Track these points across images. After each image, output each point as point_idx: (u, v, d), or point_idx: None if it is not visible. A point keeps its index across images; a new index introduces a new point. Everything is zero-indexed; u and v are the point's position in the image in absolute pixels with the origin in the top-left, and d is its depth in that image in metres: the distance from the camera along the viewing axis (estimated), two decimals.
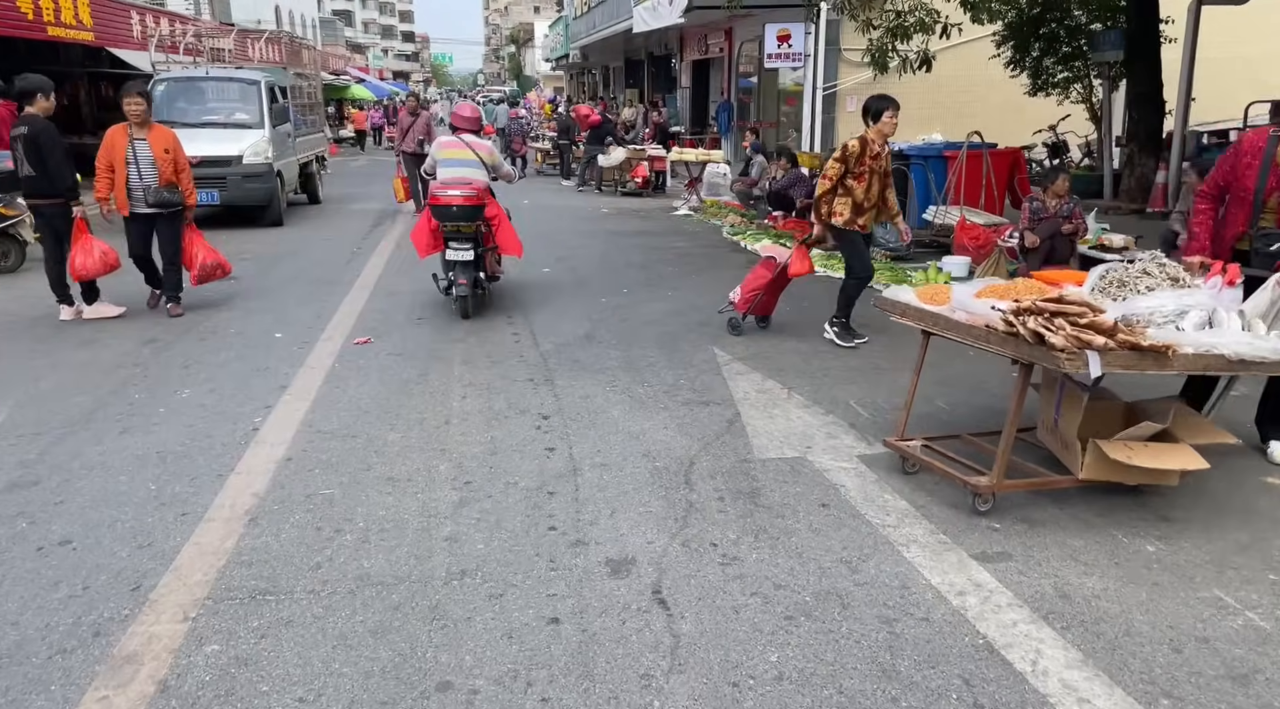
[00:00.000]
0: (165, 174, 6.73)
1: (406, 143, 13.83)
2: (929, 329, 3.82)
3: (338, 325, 6.73)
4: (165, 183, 6.74)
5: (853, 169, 6.04)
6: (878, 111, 5.94)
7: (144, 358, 5.88)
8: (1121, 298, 3.47)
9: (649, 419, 4.72)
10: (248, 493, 3.79)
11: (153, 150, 6.71)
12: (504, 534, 3.43)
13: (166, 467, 4.09)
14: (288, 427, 4.59)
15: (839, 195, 6.11)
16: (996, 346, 3.42)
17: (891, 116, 5.92)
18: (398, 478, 3.96)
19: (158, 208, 6.79)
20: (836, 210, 6.13)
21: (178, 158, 6.82)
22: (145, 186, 6.72)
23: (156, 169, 6.71)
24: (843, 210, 6.12)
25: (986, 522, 3.51)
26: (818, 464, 4.09)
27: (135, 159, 6.69)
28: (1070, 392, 3.56)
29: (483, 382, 5.38)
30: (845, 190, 6.09)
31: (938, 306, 3.70)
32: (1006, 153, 10.92)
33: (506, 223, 7.12)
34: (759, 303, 6.47)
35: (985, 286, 3.61)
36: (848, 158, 6.02)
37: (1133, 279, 3.53)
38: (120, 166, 6.68)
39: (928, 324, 3.80)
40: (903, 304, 3.96)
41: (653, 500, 3.73)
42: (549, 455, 4.22)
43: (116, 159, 6.67)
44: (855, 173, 6.04)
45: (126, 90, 6.70)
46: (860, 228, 6.18)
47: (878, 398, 5.06)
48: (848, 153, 6.02)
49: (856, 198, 6.08)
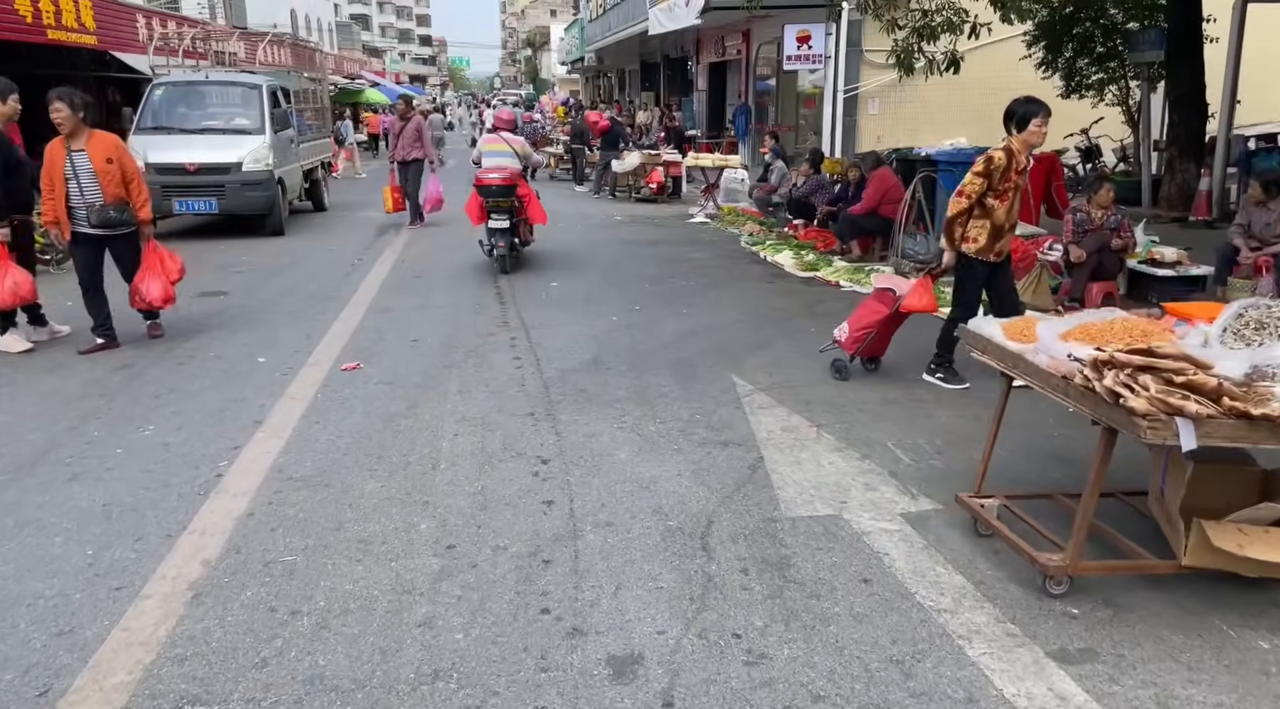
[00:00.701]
0: (110, 188, 5.89)
1: (398, 151, 12.63)
2: (1009, 372, 3.25)
3: (327, 348, 6.23)
4: (113, 198, 5.91)
5: (996, 186, 4.99)
6: (1024, 117, 4.90)
7: (113, 387, 5.40)
8: (1257, 342, 2.87)
9: (661, 464, 4.18)
10: (197, 560, 3.29)
11: (92, 161, 5.85)
12: (488, 619, 2.90)
13: (111, 524, 3.59)
14: (255, 472, 4.08)
15: (975, 217, 5.10)
16: (1075, 402, 2.85)
17: (1040, 124, 4.89)
18: (371, 540, 3.44)
19: (102, 229, 5.98)
20: (971, 235, 5.11)
21: (124, 167, 5.95)
22: (89, 204, 5.89)
23: (99, 183, 5.87)
24: (979, 235, 5.09)
25: (1062, 606, 2.95)
26: (856, 525, 3.54)
27: (74, 173, 5.84)
28: (1177, 457, 2.99)
29: (477, 415, 4.86)
30: (984, 211, 5.07)
31: (1023, 346, 3.13)
32: (1042, 159, 10.28)
33: (535, 200, 9.30)
34: (870, 342, 5.45)
35: (1077, 325, 3.02)
36: (992, 172, 4.96)
37: (1275, 321, 2.93)
38: (59, 183, 5.85)
39: (1008, 365, 3.22)
40: (984, 339, 3.37)
41: (664, 572, 3.19)
42: (546, 510, 3.69)
43: (55, 176, 5.85)
44: (999, 190, 5.00)
45: (49, 97, 5.76)
46: (994, 258, 5.14)
47: (918, 438, 4.50)
48: (993, 166, 4.96)
49: (997, 220, 5.05)
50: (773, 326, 6.84)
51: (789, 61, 16.39)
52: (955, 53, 10.35)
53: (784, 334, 6.62)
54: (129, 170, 6.00)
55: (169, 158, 10.93)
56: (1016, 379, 3.22)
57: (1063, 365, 2.91)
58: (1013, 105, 5.03)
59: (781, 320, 7.05)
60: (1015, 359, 3.15)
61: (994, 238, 5.10)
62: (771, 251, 10.03)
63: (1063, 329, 3.01)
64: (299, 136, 13.41)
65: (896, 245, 9.06)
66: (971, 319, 3.77)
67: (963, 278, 5.33)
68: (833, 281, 8.53)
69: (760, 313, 7.32)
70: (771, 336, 6.52)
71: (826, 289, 8.36)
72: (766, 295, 8.08)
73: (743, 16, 18.06)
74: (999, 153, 4.99)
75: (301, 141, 13.57)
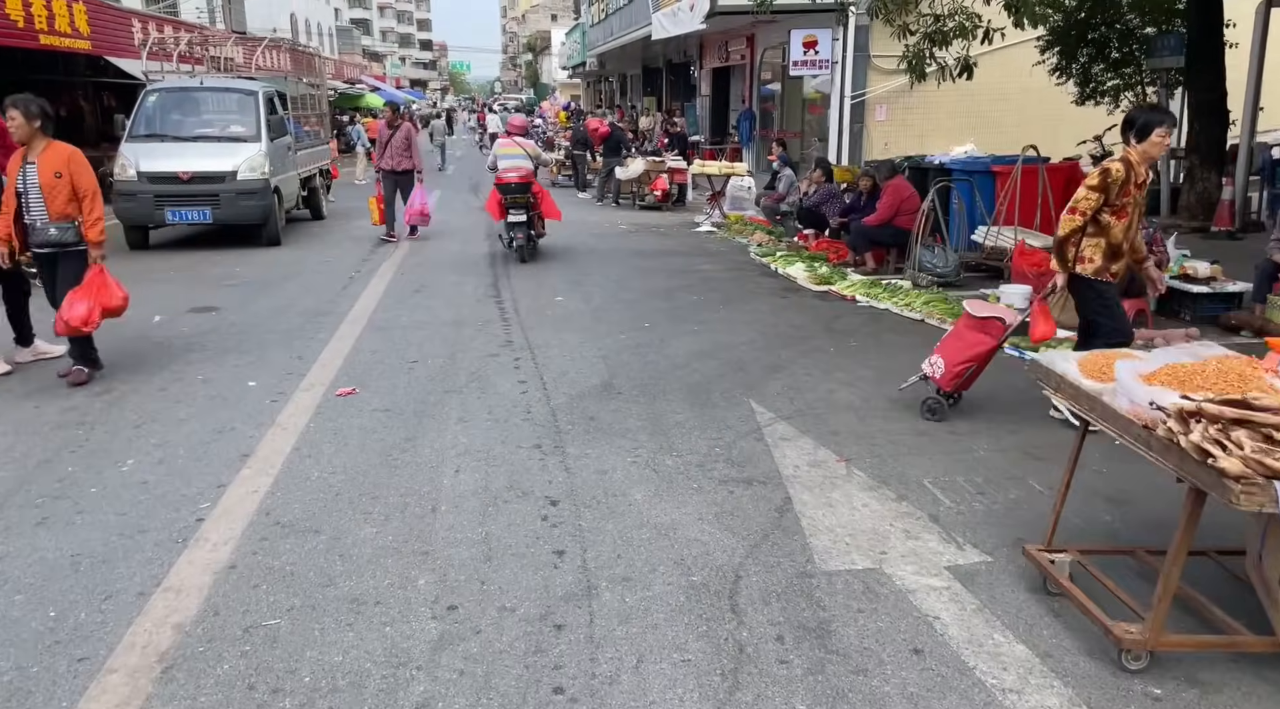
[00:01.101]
0: (55, 205, 5.39)
1: (385, 160, 11.82)
2: (1084, 414, 2.89)
3: (321, 370, 5.91)
4: (57, 216, 5.41)
5: (1114, 200, 4.56)
6: (1145, 126, 4.46)
7: (93, 414, 5.08)
8: None
9: (680, 506, 3.85)
10: (169, 624, 2.96)
11: (40, 175, 5.36)
12: (494, 699, 2.57)
13: (79, 578, 3.26)
14: (239, 515, 3.76)
15: (1088, 235, 4.65)
16: (1158, 457, 2.53)
17: (1164, 134, 4.45)
18: (364, 599, 3.11)
19: (43, 248, 5.53)
20: (1085, 255, 4.67)
21: (76, 182, 5.39)
22: (33, 221, 5.45)
23: (44, 198, 5.39)
24: (1093, 255, 4.66)
25: (1143, 684, 2.62)
26: (899, 580, 3.21)
27: (25, 187, 5.42)
28: (1278, 521, 2.66)
29: (481, 448, 4.54)
30: (1098, 229, 4.63)
31: (1100, 385, 2.79)
32: (1063, 168, 10.00)
33: (548, 197, 10.43)
34: (970, 377, 4.89)
35: (1163, 366, 2.67)
36: (1110, 186, 4.51)
37: None
38: (10, 198, 5.48)
39: (1084, 408, 2.86)
40: (1058, 375, 3.00)
41: (691, 640, 2.86)
42: (557, 563, 3.37)
43: (9, 189, 5.49)
44: (1116, 206, 4.57)
45: (5, 104, 5.40)
46: (1111, 277, 4.74)
47: (956, 475, 4.17)
48: (1111, 179, 4.49)
49: (1113, 238, 4.62)
50: (789, 346, 6.51)
51: (795, 67, 16.10)
52: (968, 58, 10.07)
53: (802, 354, 6.30)
54: (81, 186, 5.43)
55: (162, 166, 10.62)
56: (1093, 423, 2.86)
57: (1145, 412, 2.59)
58: (1133, 113, 4.61)
59: (798, 339, 6.72)
60: (1091, 401, 2.80)
61: (1110, 257, 4.67)
62: (783, 264, 9.71)
63: (1146, 369, 2.66)
64: (296, 143, 13.10)
65: (914, 258, 8.73)
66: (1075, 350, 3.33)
67: (1089, 303, 4.78)
68: (849, 296, 8.21)
69: (775, 330, 7.00)
70: (789, 357, 6.20)
71: (842, 304, 8.04)
72: (780, 311, 7.75)
73: (747, 21, 17.80)
74: (1117, 165, 4.51)
75: (299, 148, 13.26)
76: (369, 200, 12.26)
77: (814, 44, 15.89)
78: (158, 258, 10.62)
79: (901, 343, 6.59)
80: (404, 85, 61.60)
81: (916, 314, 7.42)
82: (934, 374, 4.89)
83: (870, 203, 9.89)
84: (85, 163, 5.52)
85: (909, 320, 7.37)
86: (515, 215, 9.81)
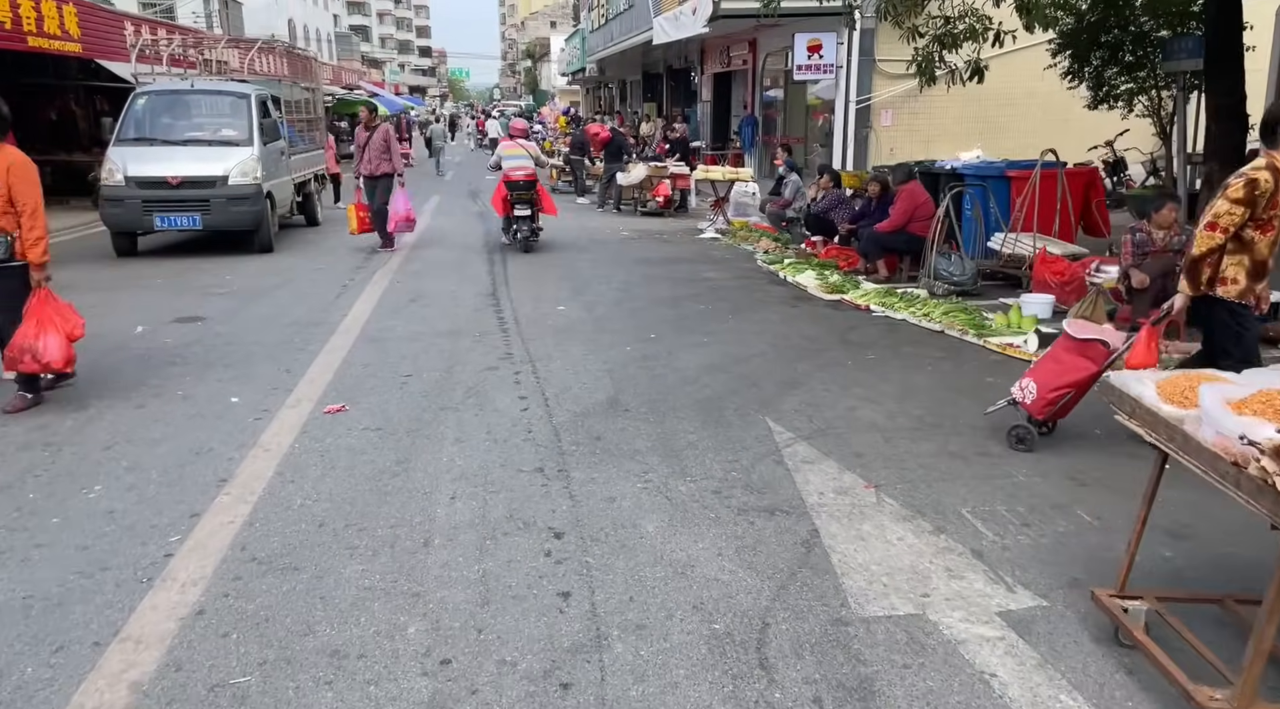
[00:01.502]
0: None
1: (364, 164, 11.26)
2: (1163, 445, 2.53)
3: (309, 385, 5.57)
4: None
5: (1259, 213, 3.98)
6: None
7: (62, 433, 4.73)
8: None
9: (697, 540, 3.51)
10: (125, 681, 2.61)
11: None
12: None
13: (29, 625, 2.92)
14: (212, 550, 3.41)
15: (1228, 251, 4.11)
16: (1249, 498, 2.19)
17: None
18: (346, 651, 2.77)
19: None
20: (1227, 275, 4.15)
21: (15, 194, 4.87)
22: None
23: None
24: (1236, 274, 4.13)
25: None
26: (946, 630, 2.87)
27: None
28: None
29: (478, 471, 4.20)
30: (1239, 244, 4.09)
31: (1182, 412, 2.44)
32: (1081, 173, 9.70)
33: (547, 195, 11.46)
34: (1066, 404, 4.41)
35: (1256, 392, 2.33)
36: (1257, 198, 3.91)
37: None
38: None
39: (1163, 438, 2.51)
40: (1132, 399, 2.64)
41: (715, 702, 2.52)
42: (563, 607, 3.02)
43: None
44: (1261, 219, 4.00)
45: None
46: (1255, 301, 4.22)
47: (997, 504, 3.83)
48: (1259, 190, 3.89)
49: (1258, 255, 4.09)
50: (804, 359, 6.18)
51: (799, 71, 15.82)
52: (979, 61, 9.77)
53: (818, 367, 5.96)
54: (20, 198, 4.89)
55: (150, 170, 10.28)
56: (1172, 454, 2.51)
57: (1234, 447, 2.25)
58: (1275, 109, 3.99)
59: (813, 351, 6.39)
60: (1170, 429, 2.46)
61: (1254, 277, 4.16)
62: (792, 271, 9.38)
63: (1236, 395, 2.33)
64: (291, 148, 12.78)
65: (929, 266, 8.41)
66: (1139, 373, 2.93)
67: (1223, 334, 4.26)
68: (863, 305, 7.88)
69: (788, 342, 6.66)
70: (805, 371, 5.86)
71: (856, 314, 7.71)
72: (792, 321, 7.42)
73: (749, 26, 17.51)
74: (1265, 174, 3.90)
75: (293, 153, 12.94)
76: (348, 208, 11.76)
77: (818, 48, 15.62)
78: (145, 265, 10.28)
79: (922, 355, 6.27)
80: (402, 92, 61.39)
81: (936, 325, 7.08)
82: (1024, 400, 4.41)
83: (880, 209, 9.58)
84: (30, 174, 4.98)
85: (928, 331, 7.03)
86: (521, 209, 10.94)
